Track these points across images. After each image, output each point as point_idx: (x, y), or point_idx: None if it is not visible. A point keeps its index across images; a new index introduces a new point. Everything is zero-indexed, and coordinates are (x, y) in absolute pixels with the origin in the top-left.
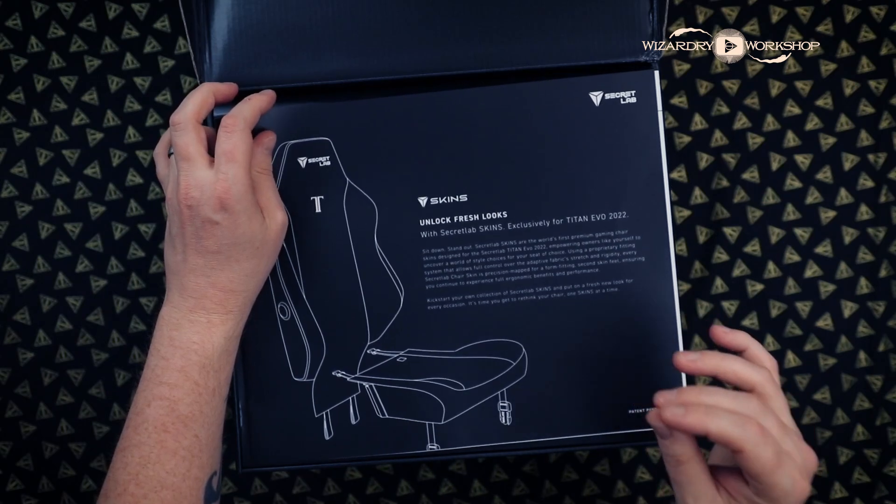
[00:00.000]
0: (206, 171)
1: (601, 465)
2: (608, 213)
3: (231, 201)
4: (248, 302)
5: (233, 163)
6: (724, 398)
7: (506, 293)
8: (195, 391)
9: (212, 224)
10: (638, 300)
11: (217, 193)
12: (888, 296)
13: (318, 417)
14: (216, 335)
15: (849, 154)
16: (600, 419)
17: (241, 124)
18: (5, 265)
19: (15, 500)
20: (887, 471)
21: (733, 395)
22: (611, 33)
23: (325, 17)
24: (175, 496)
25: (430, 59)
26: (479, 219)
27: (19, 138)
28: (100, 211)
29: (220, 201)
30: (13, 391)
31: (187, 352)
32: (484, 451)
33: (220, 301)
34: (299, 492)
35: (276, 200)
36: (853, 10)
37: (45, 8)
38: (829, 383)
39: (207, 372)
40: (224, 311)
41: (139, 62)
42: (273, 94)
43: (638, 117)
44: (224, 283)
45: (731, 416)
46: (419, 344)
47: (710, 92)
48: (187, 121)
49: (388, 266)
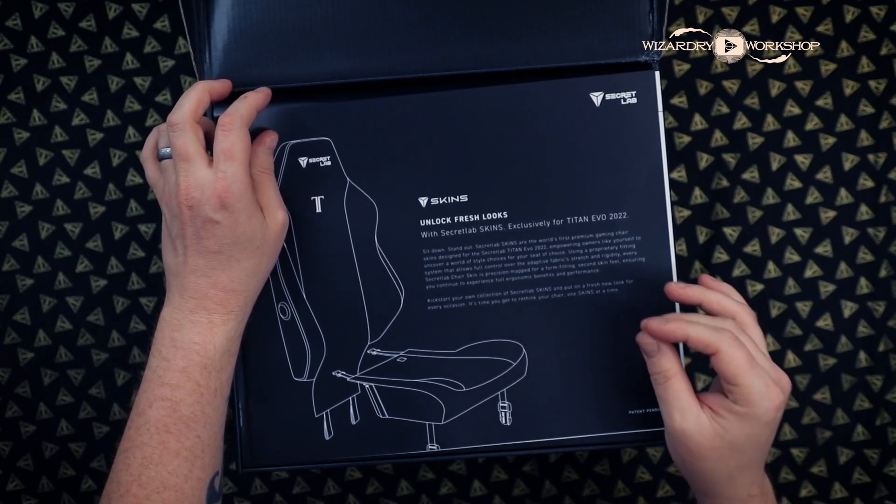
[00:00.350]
0: (205, 171)
1: (601, 465)
2: (609, 213)
3: (231, 199)
4: (250, 302)
5: (232, 161)
6: (704, 318)
7: (506, 293)
8: (197, 392)
9: (212, 224)
10: (638, 301)
11: (217, 192)
12: (888, 296)
13: (319, 417)
14: (218, 335)
15: (849, 154)
16: (600, 420)
17: (239, 122)
18: (5, 265)
19: (15, 500)
20: (887, 471)
21: (712, 318)
22: (611, 33)
23: (326, 17)
24: (177, 497)
25: (430, 59)
26: (479, 219)
27: (19, 138)
28: (100, 211)
29: (220, 200)
30: (13, 391)
31: (189, 352)
32: (484, 451)
33: (221, 301)
34: (299, 492)
35: (277, 200)
36: (853, 10)
37: (45, 8)
38: (829, 383)
39: (209, 372)
40: (225, 312)
41: (139, 62)
42: (269, 91)
43: (638, 118)
44: (225, 283)
45: (708, 326)
46: (419, 344)
47: (710, 92)
48: (185, 121)
49: (388, 266)
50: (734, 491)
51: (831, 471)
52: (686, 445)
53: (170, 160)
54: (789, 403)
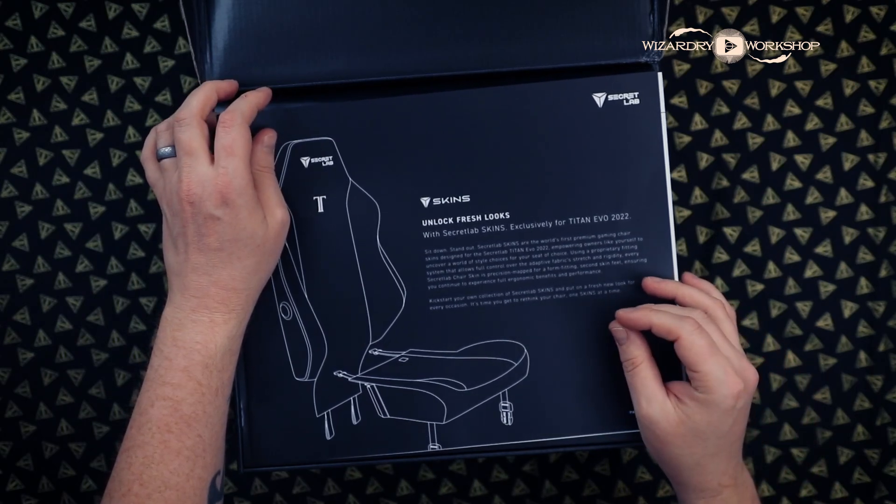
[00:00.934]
0: (207, 167)
1: (601, 465)
2: (611, 214)
3: (232, 195)
4: (251, 300)
5: (232, 157)
6: (672, 308)
7: (508, 294)
8: (198, 391)
9: (214, 220)
10: (639, 302)
11: (218, 188)
12: (888, 296)
13: (320, 417)
14: (219, 334)
15: (849, 154)
16: (601, 420)
17: (239, 119)
18: (5, 265)
19: (15, 500)
20: (887, 471)
21: (680, 308)
22: (611, 34)
23: (328, 17)
24: (179, 496)
25: (431, 60)
26: (481, 219)
27: (19, 138)
28: (100, 211)
29: (221, 196)
30: (13, 391)
31: (190, 352)
32: (485, 451)
33: (222, 300)
34: (299, 492)
35: (277, 198)
36: (853, 10)
37: (45, 8)
38: (829, 383)
39: (210, 372)
40: (226, 310)
41: (139, 62)
42: (269, 91)
43: (641, 119)
44: (226, 281)
45: (671, 314)
46: (421, 344)
47: (710, 92)
48: (192, 116)
49: (390, 266)
50: (703, 479)
51: (831, 471)
52: (653, 431)
53: (169, 159)
54: (789, 403)
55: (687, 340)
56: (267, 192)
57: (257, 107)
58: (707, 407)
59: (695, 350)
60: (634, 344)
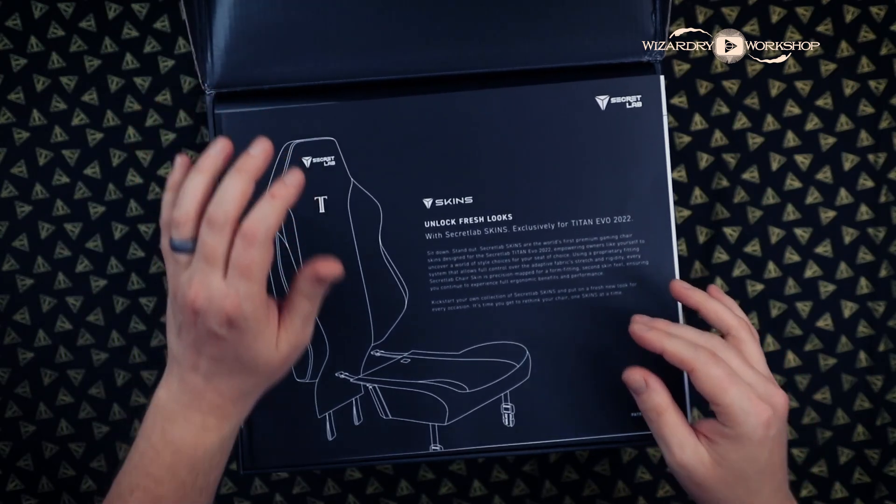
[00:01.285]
0: (220, 282)
1: (601, 465)
2: (613, 216)
3: (239, 320)
4: (249, 406)
5: (246, 280)
6: (688, 331)
7: (510, 296)
8: (181, 490)
9: (216, 337)
10: (641, 304)
11: (225, 309)
12: (888, 296)
13: (321, 418)
14: (210, 438)
15: (849, 154)
16: (603, 422)
17: (264, 234)
18: (5, 265)
19: (15, 500)
20: (887, 471)
21: (699, 332)
22: (613, 34)
23: (329, 16)
24: None
25: (432, 59)
26: (483, 221)
27: (19, 138)
28: (100, 211)
29: (227, 317)
30: (13, 391)
31: (178, 449)
32: (487, 452)
33: (217, 406)
34: (299, 492)
35: (302, 326)
36: (853, 10)
37: (45, 8)
38: (829, 383)
39: (196, 473)
40: (220, 416)
41: (139, 62)
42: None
43: (643, 122)
44: (224, 390)
45: (687, 342)
46: (423, 345)
47: (710, 92)
48: (226, 222)
49: (392, 267)
50: None
51: (831, 471)
52: (691, 479)
53: (185, 255)
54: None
55: (702, 372)
56: (294, 319)
57: (286, 211)
58: (738, 442)
59: (712, 382)
60: (655, 391)
